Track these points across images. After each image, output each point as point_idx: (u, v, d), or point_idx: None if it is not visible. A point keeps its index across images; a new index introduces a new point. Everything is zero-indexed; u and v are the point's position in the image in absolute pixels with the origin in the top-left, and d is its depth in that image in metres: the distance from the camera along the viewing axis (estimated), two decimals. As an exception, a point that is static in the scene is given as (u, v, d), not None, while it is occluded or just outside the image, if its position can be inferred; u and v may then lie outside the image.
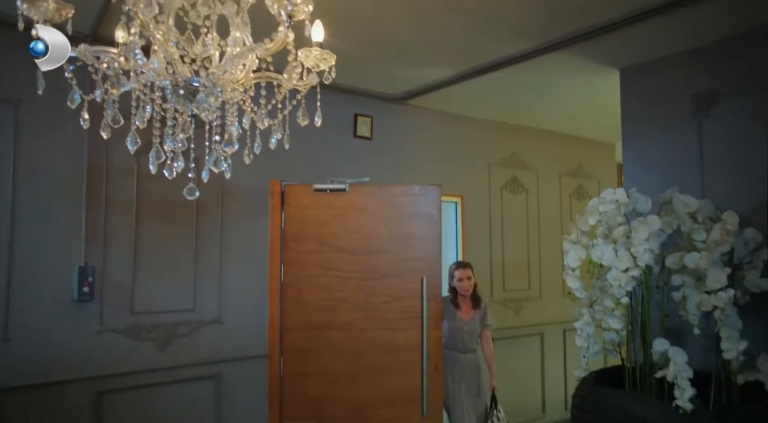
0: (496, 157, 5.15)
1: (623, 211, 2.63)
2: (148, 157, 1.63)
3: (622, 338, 2.80)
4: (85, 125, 1.57)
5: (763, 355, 2.55)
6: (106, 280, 3.18)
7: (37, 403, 2.95)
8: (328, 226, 3.81)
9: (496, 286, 5.03)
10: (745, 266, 2.75)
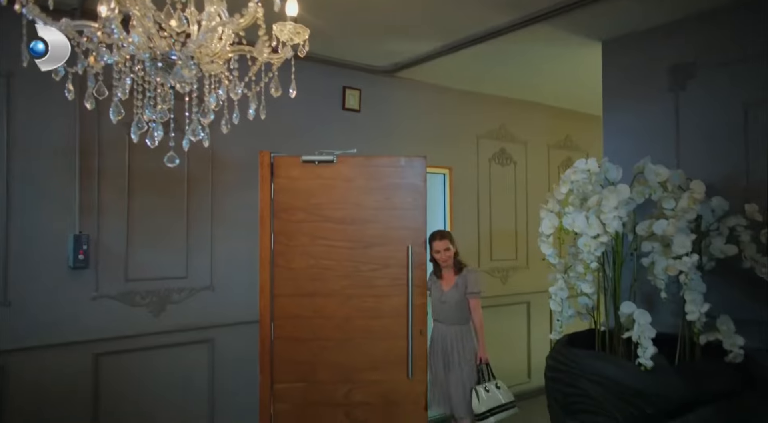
0: (484, 130, 5.23)
1: (594, 180, 2.73)
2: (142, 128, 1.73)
3: (594, 302, 2.93)
4: (69, 96, 1.66)
5: (722, 317, 2.68)
6: (101, 249, 3.30)
7: (39, 364, 3.10)
8: (317, 197, 3.92)
9: (484, 256, 5.16)
10: (711, 233, 2.86)
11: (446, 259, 3.81)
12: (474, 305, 3.82)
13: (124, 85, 1.60)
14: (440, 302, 3.84)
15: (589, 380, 2.64)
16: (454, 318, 3.80)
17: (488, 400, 3.62)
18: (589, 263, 2.67)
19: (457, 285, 3.81)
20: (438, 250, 3.83)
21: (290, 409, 3.84)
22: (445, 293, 3.82)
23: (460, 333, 3.79)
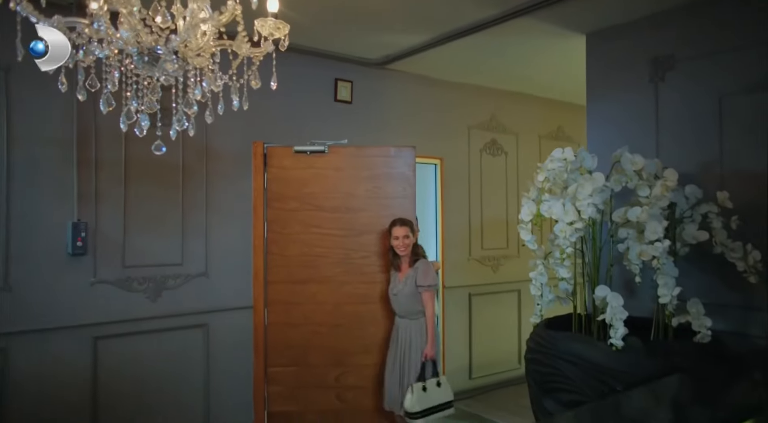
0: (475, 121, 5.32)
1: (570, 168, 2.83)
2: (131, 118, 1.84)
3: (570, 287, 3.03)
4: (62, 89, 1.77)
5: (692, 300, 2.78)
6: (99, 236, 3.42)
7: (39, 347, 3.23)
8: (309, 186, 4.05)
9: (474, 245, 5.27)
10: (685, 220, 2.96)
11: (404, 247, 3.62)
12: (426, 299, 3.59)
13: (113, 78, 1.71)
14: (393, 294, 3.68)
15: (565, 360, 2.76)
16: (405, 311, 3.64)
17: (424, 400, 3.46)
18: (565, 248, 2.77)
19: (409, 277, 3.61)
20: (397, 236, 3.65)
21: (284, 391, 3.99)
22: (397, 285, 3.66)
23: (413, 327, 3.60)
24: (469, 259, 5.24)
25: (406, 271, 3.66)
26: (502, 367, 5.42)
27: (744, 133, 3.06)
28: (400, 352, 3.60)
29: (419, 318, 3.60)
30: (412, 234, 3.67)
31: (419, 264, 3.63)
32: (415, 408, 3.41)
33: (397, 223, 3.68)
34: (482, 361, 5.30)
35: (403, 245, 3.62)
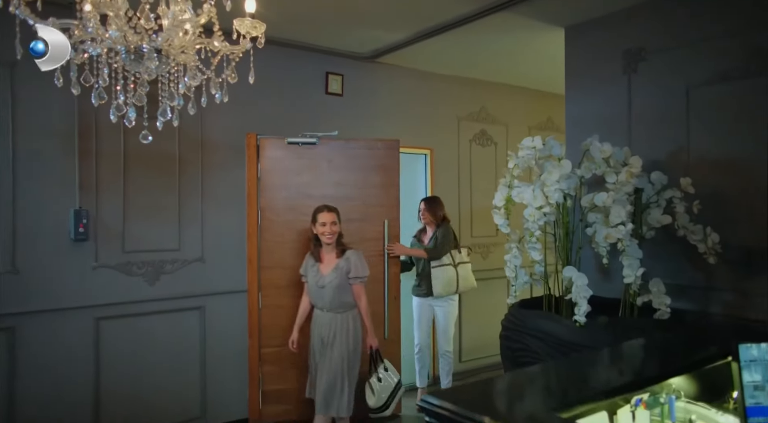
0: (465, 112, 5.48)
1: (539, 156, 3.00)
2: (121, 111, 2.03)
3: (542, 268, 3.20)
4: (59, 84, 1.96)
5: (654, 280, 2.95)
6: (99, 223, 3.62)
7: (45, 326, 3.44)
8: (300, 176, 4.24)
9: (464, 233, 5.44)
10: (651, 205, 3.12)
11: (331, 235, 3.44)
12: (358, 291, 3.48)
13: (104, 74, 1.89)
14: (318, 287, 3.46)
15: (533, 336, 2.94)
16: (333, 304, 3.43)
17: (383, 390, 3.48)
18: (534, 232, 2.94)
19: (339, 268, 3.43)
20: (324, 222, 3.44)
21: (277, 370, 4.20)
22: (324, 277, 3.45)
23: (341, 321, 3.44)
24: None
25: (331, 261, 3.46)
26: (491, 350, 5.58)
27: (709, 122, 3.21)
28: (332, 349, 3.39)
29: (347, 311, 3.45)
30: (339, 222, 3.51)
31: (350, 254, 3.46)
32: (379, 402, 3.46)
33: (324, 209, 3.48)
34: (472, 344, 5.48)
35: (332, 232, 3.43)
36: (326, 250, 3.52)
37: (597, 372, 1.99)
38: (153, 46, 1.87)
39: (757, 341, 1.99)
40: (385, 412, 3.53)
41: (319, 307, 3.52)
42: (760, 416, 1.93)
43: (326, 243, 3.47)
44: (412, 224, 4.80)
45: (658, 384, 2.00)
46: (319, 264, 3.51)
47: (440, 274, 4.47)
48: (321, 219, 3.47)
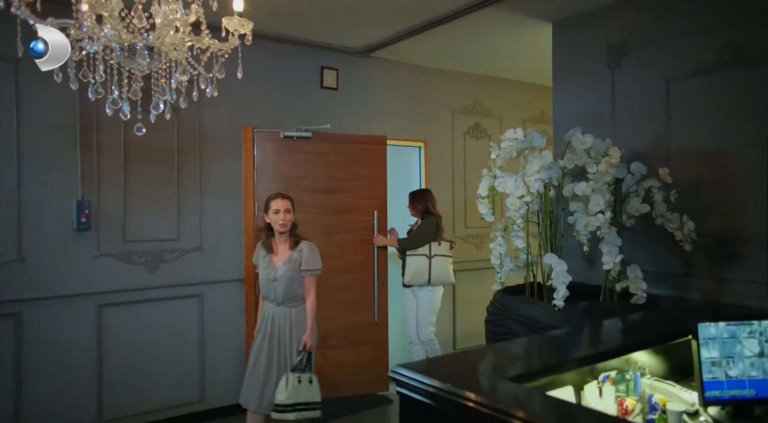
0: (459, 105, 5.59)
1: (520, 147, 3.11)
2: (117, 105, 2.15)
3: (525, 256, 3.32)
4: (58, 80, 2.08)
5: (631, 266, 3.06)
6: (101, 213, 3.76)
7: (50, 312, 3.59)
8: (295, 169, 4.38)
9: (458, 224, 5.56)
10: (631, 194, 3.23)
11: (285, 223, 3.27)
12: (308, 285, 3.33)
13: (99, 70, 2.02)
14: (270, 279, 3.29)
15: (515, 320, 3.06)
16: (285, 297, 3.28)
17: (296, 393, 3.16)
18: (515, 220, 3.06)
19: (292, 260, 3.28)
20: (277, 209, 3.27)
21: (273, 356, 4.34)
22: (276, 269, 3.28)
23: (293, 315, 3.30)
24: (453, 236, 5.51)
25: (284, 253, 3.30)
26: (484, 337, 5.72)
27: (687, 114, 3.31)
28: (284, 344, 3.25)
29: (299, 305, 3.32)
30: (293, 210, 3.34)
31: (303, 246, 3.31)
32: (288, 400, 3.14)
33: (278, 196, 3.32)
34: (465, 332, 5.61)
35: (286, 220, 3.26)
36: (279, 240, 3.33)
37: (563, 346, 2.11)
38: (146, 44, 2.00)
39: (716, 321, 2.11)
40: (288, 414, 3.16)
41: (270, 300, 3.32)
42: (716, 390, 2.06)
43: (279, 232, 3.28)
44: (407, 215, 4.93)
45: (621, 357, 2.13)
46: (271, 255, 3.32)
47: (412, 263, 4.45)
48: (274, 206, 3.28)
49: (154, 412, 3.94)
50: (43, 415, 3.55)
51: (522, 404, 1.34)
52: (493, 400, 1.34)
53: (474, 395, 1.37)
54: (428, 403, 1.51)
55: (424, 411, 1.52)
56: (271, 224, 3.31)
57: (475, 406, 1.34)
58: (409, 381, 1.57)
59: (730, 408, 2.08)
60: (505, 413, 1.29)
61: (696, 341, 2.09)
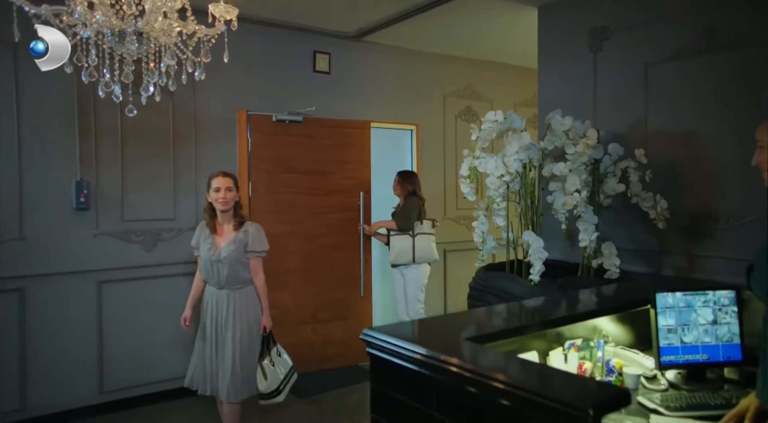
0: (450, 89, 5.69)
1: (500, 129, 3.23)
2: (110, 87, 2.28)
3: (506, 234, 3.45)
4: (53, 64, 2.21)
5: (606, 243, 3.19)
6: (99, 193, 3.90)
7: (51, 288, 3.75)
8: (286, 151, 4.52)
9: (450, 205, 5.69)
10: (608, 175, 3.35)
11: (225, 201, 3.13)
12: (255, 266, 3.21)
13: (91, 54, 2.14)
14: (213, 261, 3.14)
15: (494, 295, 3.20)
16: (229, 281, 3.15)
17: (275, 376, 3.17)
18: (495, 199, 3.18)
19: (237, 241, 3.14)
20: (218, 187, 3.13)
21: (268, 331, 4.51)
22: (220, 250, 3.14)
23: (236, 299, 3.16)
24: (444, 218, 5.66)
25: (229, 234, 3.18)
26: (476, 317, 5.88)
27: (665, 97, 3.41)
28: (229, 330, 3.13)
29: (244, 288, 3.19)
30: (236, 189, 3.21)
31: (249, 226, 3.20)
32: (271, 387, 3.15)
33: (220, 174, 3.19)
34: (456, 310, 5.76)
35: (228, 199, 3.13)
36: (223, 220, 3.19)
37: (527, 312, 2.25)
38: (136, 30, 2.11)
39: (673, 291, 2.25)
40: (277, 397, 3.23)
41: (213, 284, 3.19)
42: (671, 355, 2.20)
43: (221, 211, 3.15)
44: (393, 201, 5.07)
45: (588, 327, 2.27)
46: (214, 236, 3.18)
47: (397, 242, 4.53)
48: (214, 184, 3.14)
49: (152, 384, 4.11)
50: (47, 385, 3.73)
51: (471, 359, 1.48)
52: (447, 356, 1.48)
53: (428, 351, 1.51)
54: (391, 360, 1.65)
55: (389, 368, 1.67)
56: (212, 204, 3.18)
57: (426, 360, 1.48)
58: (376, 341, 1.71)
59: (685, 372, 2.22)
60: (457, 366, 1.43)
61: (654, 310, 2.22)
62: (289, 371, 3.28)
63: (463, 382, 1.41)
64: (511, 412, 1.30)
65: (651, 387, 2.17)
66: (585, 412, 1.13)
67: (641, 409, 1.97)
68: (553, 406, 1.19)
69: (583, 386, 1.29)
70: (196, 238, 3.30)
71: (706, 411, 1.91)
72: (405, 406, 1.61)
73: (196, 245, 3.30)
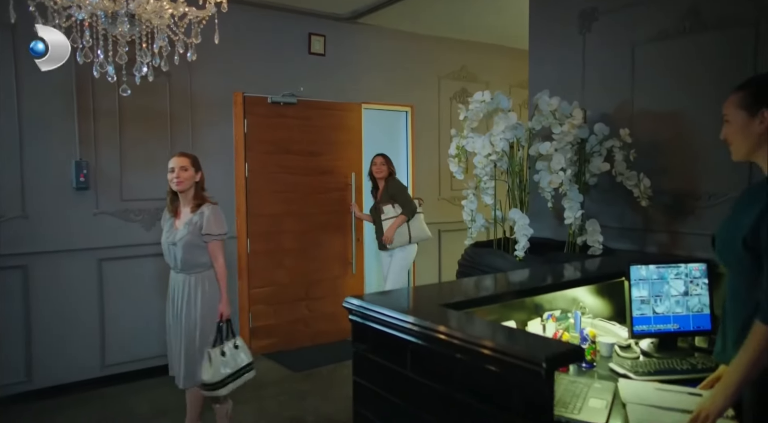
0: (445, 71, 5.74)
1: (487, 109, 3.30)
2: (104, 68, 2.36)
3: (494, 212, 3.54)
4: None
5: (590, 220, 3.28)
6: (99, 173, 4.00)
7: (53, 265, 3.87)
8: (281, 133, 4.61)
9: (444, 186, 5.78)
10: (594, 154, 3.42)
11: (181, 182, 2.99)
12: (213, 250, 3.03)
13: (85, 35, 2.22)
14: (169, 243, 3.04)
15: (481, 271, 3.30)
16: (185, 264, 3.02)
17: (225, 366, 2.94)
18: (482, 177, 3.27)
19: (192, 223, 2.99)
20: (172, 167, 3.00)
21: (265, 308, 4.64)
22: (176, 233, 3.03)
23: (194, 283, 3.02)
24: (439, 198, 5.76)
25: (186, 216, 3.05)
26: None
27: (651, 78, 3.46)
28: (183, 316, 3.03)
29: (203, 272, 3.03)
30: (194, 169, 3.06)
31: (206, 209, 3.03)
32: (216, 377, 2.91)
33: (176, 154, 3.10)
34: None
35: (183, 178, 2.98)
36: (183, 202, 3.07)
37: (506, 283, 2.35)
38: (128, 11, 2.19)
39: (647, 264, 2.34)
40: (219, 390, 2.97)
41: (172, 267, 3.11)
42: (643, 325, 2.30)
43: (177, 190, 3.02)
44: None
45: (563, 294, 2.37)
46: (174, 219, 3.08)
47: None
48: (170, 164, 3.01)
49: (152, 358, 4.24)
50: (51, 358, 3.87)
51: (441, 321, 1.58)
52: (419, 319, 1.58)
53: (403, 315, 1.61)
54: (370, 325, 1.75)
55: (368, 332, 1.77)
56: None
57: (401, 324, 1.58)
58: (357, 308, 1.82)
59: (657, 340, 2.32)
60: (428, 328, 1.53)
61: (628, 282, 2.32)
62: (244, 368, 3.04)
63: (433, 343, 1.51)
64: (476, 368, 1.40)
65: (624, 355, 2.27)
66: (539, 365, 1.23)
67: (612, 375, 2.08)
68: (511, 361, 1.29)
69: (538, 343, 1.39)
70: (162, 221, 3.20)
71: (673, 375, 2.01)
72: (382, 367, 1.72)
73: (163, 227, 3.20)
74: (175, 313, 3.08)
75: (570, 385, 1.95)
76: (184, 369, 3.01)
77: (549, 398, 1.24)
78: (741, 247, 1.50)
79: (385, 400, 1.70)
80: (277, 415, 3.66)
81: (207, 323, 3.01)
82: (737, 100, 1.58)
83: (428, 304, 1.82)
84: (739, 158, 1.68)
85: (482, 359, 1.36)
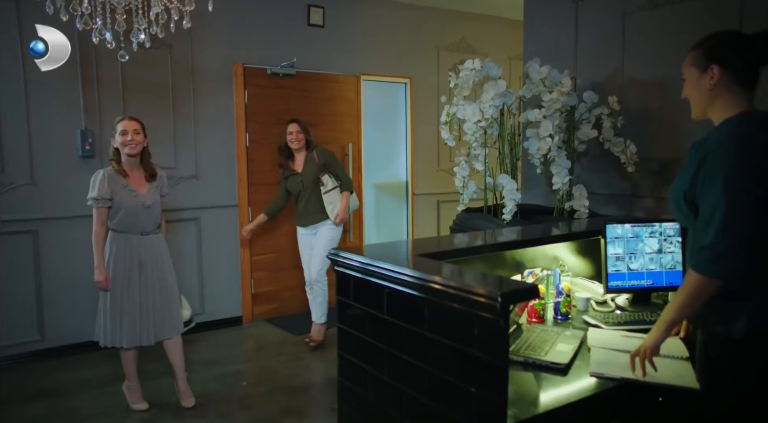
0: (444, 43, 5.78)
1: (477, 76, 3.37)
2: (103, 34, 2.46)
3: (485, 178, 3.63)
4: (49, 12, 2.39)
5: (577, 186, 3.37)
6: (103, 142, 4.11)
7: (62, 230, 4.03)
8: (280, 103, 4.70)
9: (443, 157, 5.86)
10: (583, 121, 3.50)
11: (136, 145, 2.99)
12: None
13: (84, 3, 2.32)
14: (144, 207, 3.07)
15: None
16: (153, 225, 3.17)
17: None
18: (472, 143, 3.36)
19: (157, 187, 3.19)
20: (125, 130, 2.97)
21: (265, 275, 4.79)
22: (146, 197, 3.09)
23: (160, 240, 3.22)
24: (438, 170, 5.85)
25: (141, 180, 3.11)
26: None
27: (640, 46, 3.51)
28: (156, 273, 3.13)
29: (159, 231, 3.25)
30: (143, 134, 3.08)
31: (160, 172, 3.27)
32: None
33: (125, 118, 3.05)
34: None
35: (134, 142, 2.99)
36: (131, 166, 3.07)
37: (482, 237, 2.47)
38: (123, -20, 2.29)
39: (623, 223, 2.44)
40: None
41: (136, 232, 3.08)
42: (618, 280, 2.41)
43: (131, 154, 3.01)
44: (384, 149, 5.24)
45: (545, 252, 2.48)
46: (128, 181, 3.06)
47: (334, 198, 4.16)
48: (120, 127, 2.98)
49: (159, 321, 4.42)
50: (62, 318, 4.05)
51: (414, 267, 1.70)
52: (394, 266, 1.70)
53: (381, 263, 1.73)
54: (352, 274, 1.88)
55: (350, 281, 1.90)
56: (119, 149, 3.02)
57: (378, 271, 1.71)
58: (341, 259, 1.94)
59: (631, 296, 2.44)
60: (401, 273, 1.65)
61: (604, 239, 2.42)
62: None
63: (406, 287, 1.63)
64: (442, 307, 1.52)
65: (600, 309, 2.39)
66: (495, 300, 1.35)
67: (584, 326, 2.20)
68: (471, 297, 1.41)
69: (497, 282, 1.50)
70: (105, 188, 2.97)
71: (641, 325, 2.13)
72: (363, 313, 1.85)
73: (106, 195, 2.97)
74: (147, 273, 3.10)
75: (542, 333, 2.08)
76: (175, 316, 3.26)
77: (504, 330, 1.36)
78: (683, 201, 1.59)
79: (364, 343, 1.83)
80: (276, 372, 3.83)
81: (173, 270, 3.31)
82: (691, 59, 1.66)
83: (406, 255, 1.94)
84: (698, 116, 1.77)
85: (448, 298, 1.48)
